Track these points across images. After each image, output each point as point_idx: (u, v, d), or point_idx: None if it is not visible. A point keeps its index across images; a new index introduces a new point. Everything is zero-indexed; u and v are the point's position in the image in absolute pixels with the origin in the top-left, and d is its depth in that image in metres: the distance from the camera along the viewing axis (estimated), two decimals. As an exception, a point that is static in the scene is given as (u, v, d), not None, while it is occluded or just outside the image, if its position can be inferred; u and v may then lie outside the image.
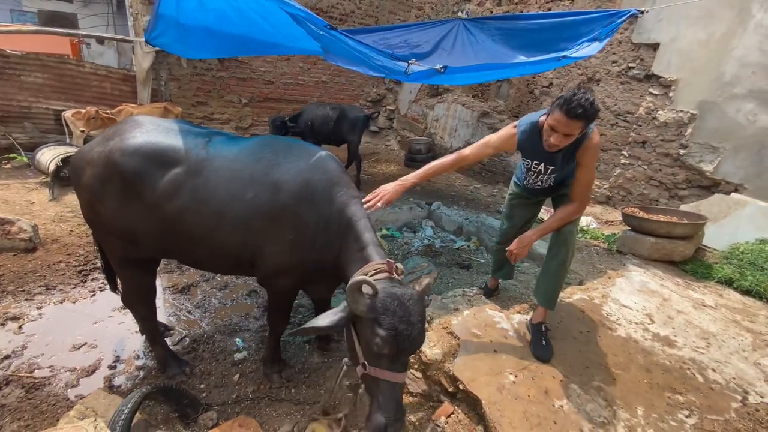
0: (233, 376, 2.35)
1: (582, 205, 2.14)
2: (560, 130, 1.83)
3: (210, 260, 2.08)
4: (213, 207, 1.84)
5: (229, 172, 1.87)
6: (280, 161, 1.91)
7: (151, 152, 1.85)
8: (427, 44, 3.98)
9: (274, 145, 1.99)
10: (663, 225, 3.35)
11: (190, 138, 1.93)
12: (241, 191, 1.85)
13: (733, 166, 3.97)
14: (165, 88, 6.32)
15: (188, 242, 1.94)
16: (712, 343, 2.42)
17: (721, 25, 3.94)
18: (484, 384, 1.92)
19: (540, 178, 2.24)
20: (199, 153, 1.89)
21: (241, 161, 1.90)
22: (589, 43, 3.17)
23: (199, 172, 1.85)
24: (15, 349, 2.41)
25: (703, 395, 2.01)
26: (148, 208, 1.85)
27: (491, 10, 6.39)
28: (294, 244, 1.88)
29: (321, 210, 1.89)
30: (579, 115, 1.75)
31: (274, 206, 1.85)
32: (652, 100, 4.52)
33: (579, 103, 1.73)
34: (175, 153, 1.87)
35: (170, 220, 1.86)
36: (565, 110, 1.76)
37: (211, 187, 1.84)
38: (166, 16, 2.51)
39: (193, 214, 1.84)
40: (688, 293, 2.98)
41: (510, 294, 2.99)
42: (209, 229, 1.87)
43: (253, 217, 1.85)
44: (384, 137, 8.86)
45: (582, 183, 2.09)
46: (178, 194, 1.83)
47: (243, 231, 1.88)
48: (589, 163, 2.03)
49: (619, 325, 2.51)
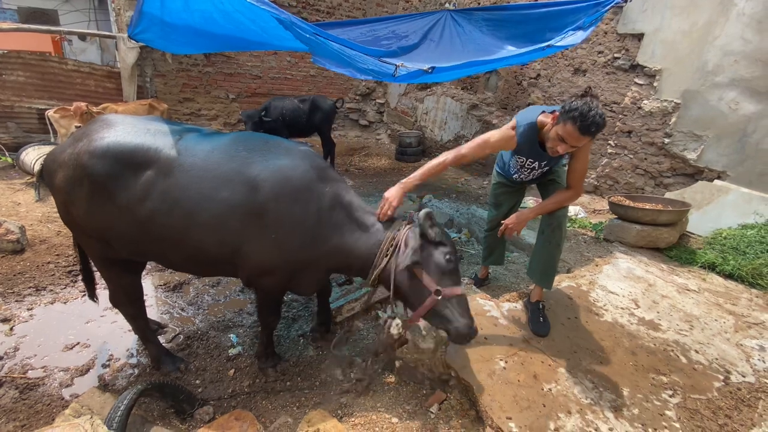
0: (228, 371, 2.37)
1: (578, 191, 2.19)
2: (570, 142, 1.83)
3: (186, 262, 2.03)
4: (185, 208, 1.79)
5: (201, 172, 1.81)
6: (255, 159, 1.86)
7: (120, 153, 1.79)
8: (414, 35, 3.99)
9: (248, 142, 1.93)
10: (648, 213, 3.42)
11: (160, 137, 1.87)
12: (214, 191, 1.79)
13: (716, 153, 4.05)
14: (151, 84, 6.23)
15: (162, 245, 1.90)
16: (695, 326, 2.50)
17: (703, 15, 3.99)
18: (476, 371, 1.96)
19: (533, 173, 2.31)
20: (170, 153, 1.82)
21: (214, 160, 1.84)
22: (574, 32, 3.21)
23: (170, 172, 1.79)
24: (7, 350, 2.40)
25: (687, 375, 2.08)
26: (120, 210, 1.81)
27: (478, 2, 6.38)
28: (278, 243, 1.85)
29: (306, 206, 1.86)
30: (593, 132, 1.77)
31: (253, 205, 1.80)
32: (638, 89, 4.59)
33: (594, 121, 1.73)
34: (146, 153, 1.80)
35: (143, 222, 1.81)
36: (579, 126, 1.75)
37: (182, 188, 1.78)
38: (149, 14, 2.47)
39: (164, 216, 1.79)
40: (673, 278, 3.06)
41: (500, 284, 3.05)
42: (182, 231, 1.82)
43: (229, 217, 1.80)
44: (374, 131, 8.85)
45: (578, 172, 2.14)
46: (150, 196, 1.78)
47: (219, 231, 1.83)
48: (584, 153, 2.08)
49: (606, 311, 2.57)
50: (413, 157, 7.44)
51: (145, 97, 6.09)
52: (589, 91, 1.83)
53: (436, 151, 7.60)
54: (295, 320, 2.88)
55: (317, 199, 1.89)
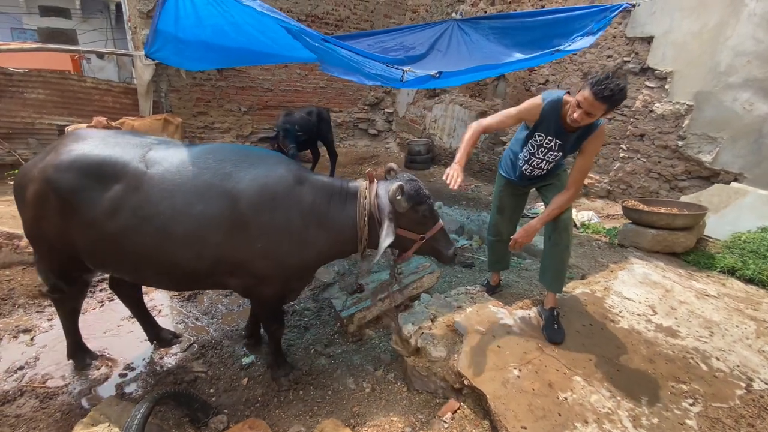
0: (242, 380, 2.39)
1: (576, 191, 2.22)
2: (585, 107, 1.88)
3: (160, 277, 1.98)
4: (157, 223, 1.75)
5: (171, 186, 1.76)
6: (230, 170, 1.83)
7: (87, 166, 1.76)
8: (422, 46, 4.03)
9: (218, 154, 1.89)
10: (663, 217, 3.36)
11: (129, 149, 1.83)
12: (189, 205, 1.76)
13: (731, 155, 3.97)
14: (165, 99, 6.40)
15: (135, 260, 1.86)
16: (715, 332, 2.43)
17: (714, 16, 3.96)
18: (489, 379, 1.94)
19: (548, 155, 2.26)
20: (139, 165, 1.78)
21: (185, 173, 1.80)
22: (582, 37, 3.20)
23: (139, 187, 1.75)
24: (28, 360, 2.46)
25: (707, 383, 2.02)
26: (88, 225, 1.77)
27: (485, 10, 6.43)
28: (266, 253, 1.85)
29: (288, 212, 1.86)
30: (605, 97, 1.81)
31: (234, 217, 1.79)
32: (649, 93, 4.54)
33: (608, 87, 1.78)
34: (113, 167, 1.77)
35: (113, 238, 1.77)
36: (594, 90, 1.81)
37: (154, 202, 1.74)
38: (164, 32, 2.56)
39: (136, 231, 1.75)
40: (691, 284, 2.99)
41: (512, 291, 3.01)
42: (156, 246, 1.79)
43: (207, 230, 1.78)
44: (383, 140, 8.91)
45: (581, 170, 2.17)
46: (119, 212, 1.74)
47: (196, 245, 1.80)
48: (591, 153, 2.14)
49: (622, 318, 2.52)
50: (422, 165, 7.46)
51: (161, 111, 6.25)
52: (619, 68, 1.88)
53: (445, 159, 7.61)
54: (307, 329, 2.89)
55: (297, 202, 1.90)
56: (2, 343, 2.59)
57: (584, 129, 2.10)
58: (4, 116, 5.37)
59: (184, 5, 2.27)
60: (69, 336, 2.36)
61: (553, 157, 2.27)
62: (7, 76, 5.30)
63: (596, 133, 2.08)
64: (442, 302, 2.58)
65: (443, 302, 2.58)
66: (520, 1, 5.90)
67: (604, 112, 1.91)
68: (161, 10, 2.29)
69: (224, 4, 2.18)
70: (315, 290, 3.35)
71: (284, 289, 2.07)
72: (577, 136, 2.14)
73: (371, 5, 7.85)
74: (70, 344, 2.38)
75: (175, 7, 2.27)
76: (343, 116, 8.28)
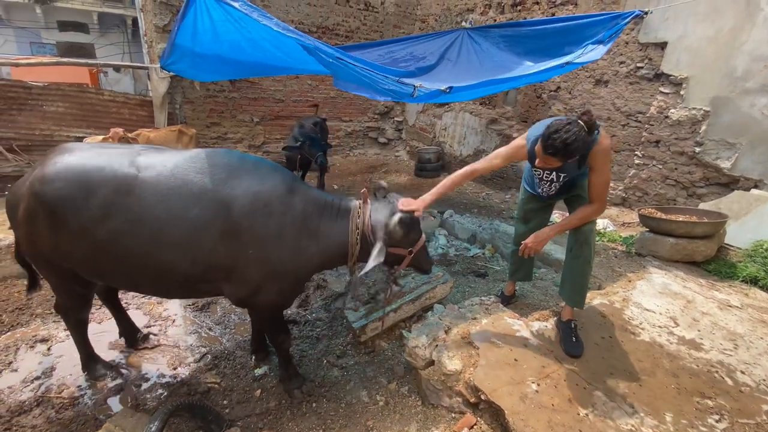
0: (255, 392, 2.38)
1: (601, 206, 2.15)
2: (539, 158, 1.96)
3: (154, 283, 1.98)
4: (152, 227, 1.74)
5: (166, 189, 1.76)
6: (224, 176, 1.84)
7: (73, 176, 1.75)
8: (432, 56, 4.04)
9: (212, 158, 1.90)
10: (682, 225, 3.28)
11: (116, 157, 1.83)
12: (184, 209, 1.76)
13: (751, 161, 3.88)
14: (180, 111, 6.52)
15: (128, 266, 1.85)
16: (739, 345, 2.35)
17: (728, 20, 3.90)
18: (507, 393, 1.90)
19: (553, 186, 2.28)
20: (129, 171, 1.77)
21: (179, 177, 1.79)
22: (594, 46, 3.17)
23: (131, 191, 1.74)
24: (45, 370, 2.49)
25: (733, 399, 1.95)
26: (78, 234, 1.77)
27: (495, 19, 6.45)
28: (260, 260, 1.86)
29: (281, 219, 1.88)
30: (550, 154, 1.85)
31: (228, 225, 1.79)
32: (663, 98, 4.47)
33: (552, 144, 1.82)
34: (100, 173, 1.76)
35: (105, 244, 1.76)
36: (542, 143, 1.89)
37: (147, 207, 1.73)
38: (181, 46, 2.62)
39: (128, 235, 1.75)
40: (713, 294, 2.91)
41: (528, 301, 2.96)
42: (149, 251, 1.78)
43: (201, 235, 1.78)
44: (393, 148, 8.94)
45: (597, 186, 2.10)
46: (111, 217, 1.73)
47: (191, 250, 1.80)
48: (600, 167, 2.06)
49: (643, 330, 2.46)
50: (432, 173, 7.44)
51: (175, 123, 6.37)
52: (586, 114, 1.87)
53: (455, 167, 7.58)
54: (319, 339, 2.87)
55: (290, 211, 1.91)
56: (19, 353, 2.63)
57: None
58: (24, 129, 5.52)
59: (202, 21, 2.32)
60: (80, 348, 2.39)
61: (558, 185, 2.26)
62: (26, 89, 5.46)
63: (595, 148, 1.99)
64: (457, 313, 2.55)
65: (457, 313, 2.55)
66: (529, 9, 5.91)
67: (563, 161, 1.91)
68: (180, 25, 2.34)
69: (242, 20, 2.21)
70: (327, 300, 3.34)
71: (278, 296, 2.06)
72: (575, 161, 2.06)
73: (381, 16, 7.94)
74: (82, 357, 2.41)
75: (194, 22, 2.32)
76: (354, 125, 8.33)
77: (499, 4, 6.37)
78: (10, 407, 2.19)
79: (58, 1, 13.67)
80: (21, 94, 5.44)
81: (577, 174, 2.19)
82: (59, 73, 8.48)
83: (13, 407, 2.19)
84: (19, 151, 5.48)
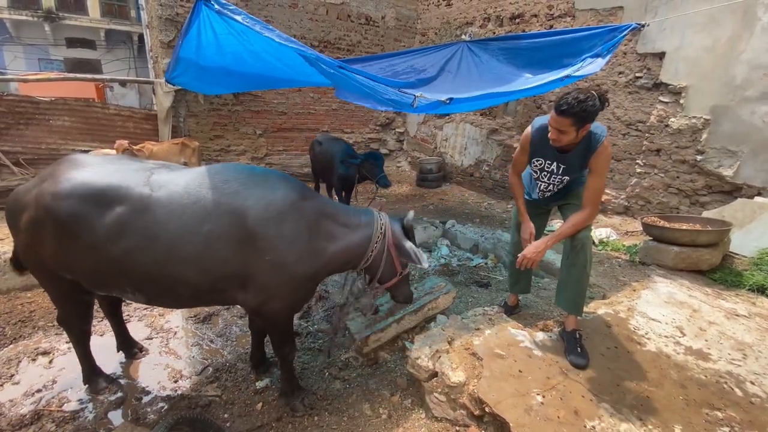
0: (256, 405, 2.35)
1: (594, 210, 2.17)
2: (553, 125, 2.00)
3: (163, 295, 1.99)
4: (166, 243, 1.78)
5: (179, 207, 1.80)
6: (237, 188, 1.89)
7: (87, 193, 1.78)
8: (432, 68, 4.09)
9: (224, 174, 1.95)
10: (686, 233, 3.26)
11: (130, 174, 1.86)
12: (198, 224, 1.80)
13: (753, 169, 3.87)
14: (184, 124, 6.60)
15: (138, 280, 1.87)
16: (748, 355, 2.31)
17: (726, 30, 3.94)
18: (511, 406, 1.87)
19: (553, 179, 2.29)
20: (143, 189, 1.81)
21: (192, 193, 1.84)
22: (592, 59, 3.21)
23: (145, 210, 1.78)
24: (46, 383, 2.47)
25: (743, 410, 1.91)
26: (90, 250, 1.79)
27: (494, 32, 6.54)
28: (276, 264, 1.90)
29: (295, 224, 1.93)
30: (563, 111, 1.90)
31: (243, 232, 1.83)
32: (663, 108, 4.50)
33: (566, 101, 1.88)
34: (115, 191, 1.79)
35: (117, 260, 1.79)
36: (554, 106, 1.95)
37: (161, 223, 1.77)
38: (186, 59, 2.66)
39: (142, 251, 1.78)
40: (719, 303, 2.87)
41: (532, 311, 2.93)
42: (162, 265, 1.81)
43: (216, 247, 1.82)
44: (395, 159, 8.98)
45: (593, 189, 2.14)
46: (125, 234, 1.76)
47: (205, 262, 1.83)
48: (600, 171, 2.11)
49: (649, 340, 2.42)
50: (434, 183, 7.46)
51: (179, 136, 6.44)
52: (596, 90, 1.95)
53: (456, 176, 7.61)
54: (322, 351, 2.85)
55: (303, 215, 1.96)
56: (21, 365, 2.62)
57: (584, 147, 2.09)
58: (31, 143, 5.59)
59: (206, 34, 2.37)
60: (82, 361, 2.38)
61: (558, 179, 2.28)
62: (34, 104, 5.55)
63: (599, 150, 2.06)
64: (459, 324, 2.52)
65: (460, 324, 2.52)
66: (528, 22, 5.99)
67: (577, 127, 1.94)
68: (184, 39, 2.38)
69: (245, 34, 2.26)
70: (329, 311, 3.32)
71: (293, 301, 2.09)
72: (579, 155, 2.12)
73: (381, 30, 8.06)
74: (84, 370, 2.40)
75: (198, 35, 2.37)
76: (356, 137, 8.40)
77: (498, 17, 6.47)
78: (11, 421, 2.17)
79: (67, 19, 14.00)
80: (29, 108, 5.52)
81: (577, 175, 2.21)
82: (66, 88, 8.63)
83: (14, 421, 2.17)
84: (26, 165, 5.54)
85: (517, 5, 6.13)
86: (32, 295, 3.36)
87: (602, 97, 1.93)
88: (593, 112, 1.90)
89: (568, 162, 2.17)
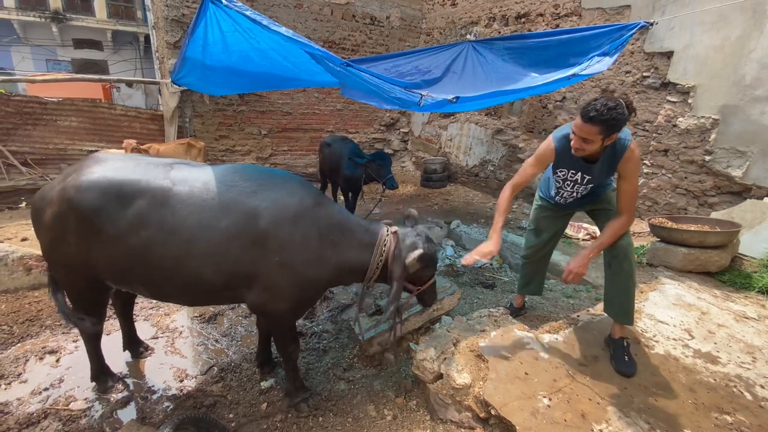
0: (261, 405, 2.35)
1: (630, 216, 2.11)
2: (578, 133, 1.89)
3: (179, 291, 2.01)
4: (183, 237, 1.81)
5: (199, 201, 1.84)
6: (254, 188, 1.92)
7: (108, 186, 1.82)
8: (437, 69, 4.07)
9: (244, 173, 1.99)
10: (694, 234, 3.23)
11: (151, 169, 1.91)
12: (216, 220, 1.83)
13: (763, 169, 3.82)
14: (189, 124, 6.63)
15: (156, 274, 1.90)
16: (758, 358, 2.28)
17: (735, 29, 3.88)
18: (518, 408, 1.85)
19: (576, 188, 2.24)
20: (163, 183, 1.86)
21: (211, 190, 1.88)
22: (600, 58, 3.17)
23: (164, 202, 1.82)
24: (53, 382, 2.49)
25: (753, 414, 1.88)
26: (111, 243, 1.82)
27: (499, 31, 6.50)
28: (284, 267, 1.91)
29: (307, 230, 1.94)
30: (592, 118, 1.80)
31: (255, 233, 1.86)
32: (671, 107, 4.45)
33: (594, 107, 1.79)
34: (136, 185, 1.83)
35: (137, 252, 1.82)
36: (581, 113, 1.85)
37: (180, 217, 1.81)
38: (192, 58, 2.67)
39: (161, 244, 1.81)
40: (728, 305, 2.84)
41: (537, 313, 2.91)
42: (179, 259, 1.84)
43: (230, 244, 1.84)
44: (399, 159, 8.97)
45: (627, 194, 2.08)
46: (144, 226, 1.80)
47: (218, 259, 1.85)
48: (631, 175, 2.05)
49: (657, 342, 2.40)
50: (438, 183, 7.44)
51: (185, 136, 6.47)
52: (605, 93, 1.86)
53: (461, 177, 7.58)
54: (326, 352, 2.84)
55: (316, 221, 1.98)
56: (29, 364, 2.64)
57: (609, 154, 2.02)
58: (39, 143, 5.65)
59: (212, 33, 2.37)
60: (92, 360, 2.40)
61: (582, 189, 2.23)
62: (42, 104, 5.60)
63: (626, 155, 1.99)
64: (465, 325, 2.51)
65: (466, 325, 2.51)
66: (534, 21, 5.95)
67: (604, 136, 1.85)
68: (190, 38, 2.39)
69: (252, 31, 2.26)
70: (333, 311, 3.32)
71: (298, 304, 2.10)
72: (605, 163, 2.07)
73: (386, 30, 8.05)
74: (93, 368, 2.41)
75: (204, 34, 2.38)
76: (360, 137, 8.39)
77: (503, 16, 6.43)
78: (19, 419, 2.19)
79: (74, 20, 14.12)
80: (36, 109, 5.58)
81: (603, 182, 2.17)
82: (73, 88, 8.71)
83: (21, 419, 2.19)
84: (33, 165, 5.60)
85: (522, 4, 6.09)
86: (39, 294, 3.38)
87: (630, 105, 1.86)
88: (622, 120, 1.82)
89: (593, 173, 2.11)
